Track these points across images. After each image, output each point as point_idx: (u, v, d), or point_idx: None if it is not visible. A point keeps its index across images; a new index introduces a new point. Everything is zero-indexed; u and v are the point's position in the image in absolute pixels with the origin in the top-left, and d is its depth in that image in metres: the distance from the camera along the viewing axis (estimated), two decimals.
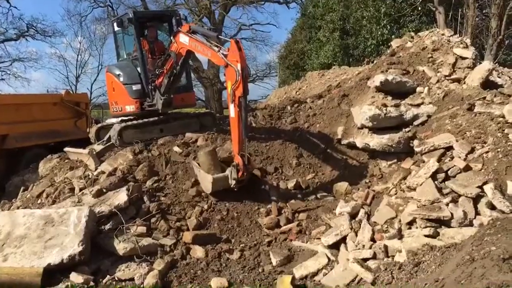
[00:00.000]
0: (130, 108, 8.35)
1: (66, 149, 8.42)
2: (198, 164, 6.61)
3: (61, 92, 11.87)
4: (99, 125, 9.26)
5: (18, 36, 34.87)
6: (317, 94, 9.63)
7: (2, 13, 41.84)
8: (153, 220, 5.88)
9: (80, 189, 6.61)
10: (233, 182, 6.22)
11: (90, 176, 6.91)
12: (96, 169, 7.18)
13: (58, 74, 54.86)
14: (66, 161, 8.13)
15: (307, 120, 8.39)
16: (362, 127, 7.08)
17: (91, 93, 35.78)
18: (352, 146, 7.35)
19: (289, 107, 8.98)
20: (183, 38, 7.09)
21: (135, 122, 8.20)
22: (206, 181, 6.34)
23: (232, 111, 6.10)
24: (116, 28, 8.71)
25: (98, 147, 7.79)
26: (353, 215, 5.63)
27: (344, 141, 7.48)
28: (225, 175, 6.28)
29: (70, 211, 5.37)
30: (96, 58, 49.84)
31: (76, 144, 8.90)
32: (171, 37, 7.53)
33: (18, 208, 6.80)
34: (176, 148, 7.43)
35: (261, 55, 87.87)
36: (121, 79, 8.33)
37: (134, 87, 8.25)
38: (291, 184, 6.90)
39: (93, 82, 38.60)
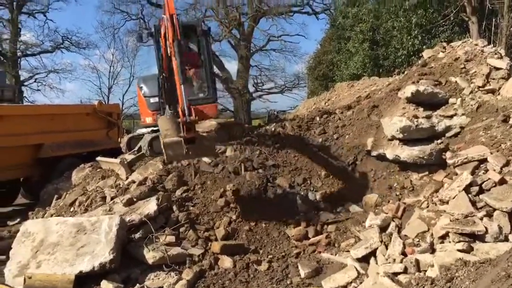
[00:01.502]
0: (148, 120, 8.53)
1: (98, 158, 8.61)
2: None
3: (94, 103, 12.19)
4: (130, 135, 9.43)
5: (54, 48, 36.08)
6: (347, 105, 9.55)
7: (38, 26, 43.18)
8: (182, 229, 5.91)
9: (112, 198, 6.73)
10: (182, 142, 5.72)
11: (121, 185, 7.03)
12: (127, 178, 7.30)
13: (91, 85, 56.03)
14: (98, 170, 8.31)
15: (336, 131, 8.33)
16: (393, 138, 6.98)
17: (122, 104, 36.60)
18: (382, 157, 7.25)
19: (318, 118, 8.95)
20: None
21: None
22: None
23: (173, 63, 5.87)
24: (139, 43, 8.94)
25: (129, 156, 7.93)
26: (383, 228, 5.54)
27: (374, 153, 7.38)
28: (179, 139, 5.77)
29: (102, 219, 5.47)
30: (128, 69, 50.90)
31: (108, 153, 9.08)
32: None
33: (51, 215, 6.97)
34: (205, 158, 7.48)
35: (290, 66, 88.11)
36: (143, 91, 8.54)
37: (152, 100, 8.43)
38: (320, 196, 6.84)
39: (125, 93, 39.44)
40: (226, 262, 5.49)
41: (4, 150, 8.92)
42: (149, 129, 8.80)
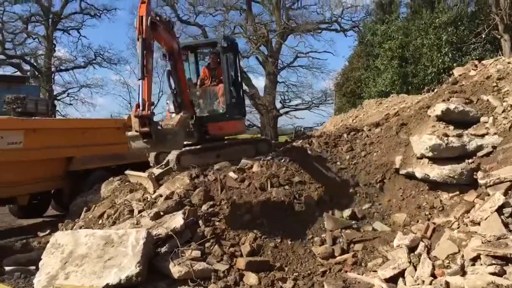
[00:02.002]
0: None
1: (127, 172, 8.74)
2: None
3: (124, 117, 12.42)
4: None
5: (86, 63, 37.12)
6: (375, 122, 9.48)
7: (72, 42, 44.48)
8: (207, 244, 5.91)
9: (139, 212, 6.80)
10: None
11: (148, 199, 7.11)
12: (154, 192, 7.37)
13: (122, 100, 57.34)
14: (126, 183, 8.43)
15: (363, 149, 8.26)
16: (422, 157, 6.86)
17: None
18: (411, 176, 7.13)
19: (345, 135, 8.89)
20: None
21: (192, 147, 8.40)
22: None
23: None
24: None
25: (157, 170, 8.02)
26: (412, 248, 5.42)
27: (403, 171, 7.27)
28: (136, 133, 6.02)
29: (129, 232, 5.53)
30: (157, 84, 51.72)
31: (136, 167, 9.21)
32: None
33: (80, 227, 7.09)
34: (231, 174, 7.50)
35: (317, 83, 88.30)
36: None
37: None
38: (346, 213, 6.77)
39: (154, 107, 39.92)
40: (251, 278, 5.46)
41: (37, 163, 9.17)
42: None
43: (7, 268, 6.31)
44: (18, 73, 32.61)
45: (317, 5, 34.36)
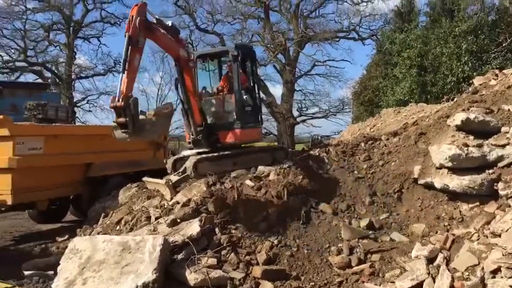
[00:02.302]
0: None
1: (144, 178, 8.81)
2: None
3: None
4: (176, 156, 9.60)
5: (106, 71, 37.69)
6: (393, 131, 9.40)
7: (93, 50, 45.22)
8: (223, 252, 5.92)
9: (156, 218, 6.84)
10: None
11: (165, 206, 7.15)
12: (171, 199, 7.41)
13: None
14: (144, 190, 8.49)
15: (381, 158, 8.19)
16: (441, 167, 6.78)
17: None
18: (429, 186, 7.05)
19: (363, 144, 8.84)
20: None
21: (209, 155, 8.42)
22: None
23: None
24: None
25: (174, 178, 8.07)
26: (430, 260, 5.35)
27: (421, 181, 7.19)
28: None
29: (146, 239, 5.57)
30: (175, 92, 52.07)
31: (153, 174, 9.27)
32: None
33: (98, 233, 7.15)
34: (248, 182, 7.51)
35: (334, 91, 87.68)
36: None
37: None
38: (363, 223, 6.71)
39: (182, 115, 40.22)
40: (267, 287, 5.44)
41: (57, 169, 9.29)
42: (194, 151, 8.95)
43: (26, 273, 6.40)
44: (40, 80, 33.29)
45: (335, 14, 34.49)
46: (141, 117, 6.82)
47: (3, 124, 8.41)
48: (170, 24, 7.86)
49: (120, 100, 6.42)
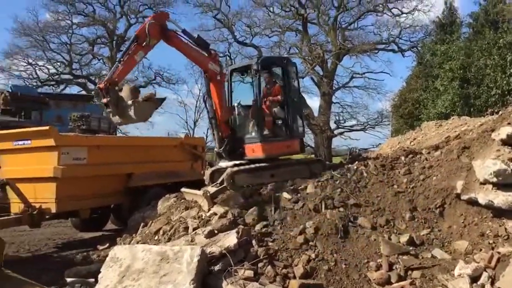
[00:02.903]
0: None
1: (182, 189, 8.93)
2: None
3: (181, 136, 12.74)
4: (213, 168, 9.71)
5: (147, 83, 38.74)
6: (434, 145, 9.18)
7: None
8: (260, 264, 5.90)
9: (194, 229, 6.91)
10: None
11: (203, 217, 7.22)
12: (209, 210, 7.48)
13: (179, 119, 58.85)
14: (182, 201, 8.60)
15: (422, 172, 7.99)
16: (485, 182, 6.55)
17: (206, 137, 37.88)
18: (473, 202, 6.81)
19: (403, 158, 8.66)
20: None
21: (247, 166, 8.47)
22: None
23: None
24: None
25: (212, 189, 8.14)
26: (474, 278, 5.16)
27: (464, 197, 6.95)
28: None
29: (184, 249, 5.62)
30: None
31: (191, 185, 9.39)
32: None
33: (137, 243, 7.29)
34: (285, 194, 7.48)
35: (373, 103, 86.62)
36: None
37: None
38: (404, 239, 6.53)
39: (209, 127, 40.73)
40: None
41: (99, 178, 9.56)
42: (232, 163, 9.01)
43: (68, 280, 6.57)
44: (84, 92, 34.47)
45: (374, 26, 34.16)
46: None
47: (49, 135, 8.74)
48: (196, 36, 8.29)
49: (104, 83, 7.31)
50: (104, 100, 7.30)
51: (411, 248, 6.42)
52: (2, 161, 9.61)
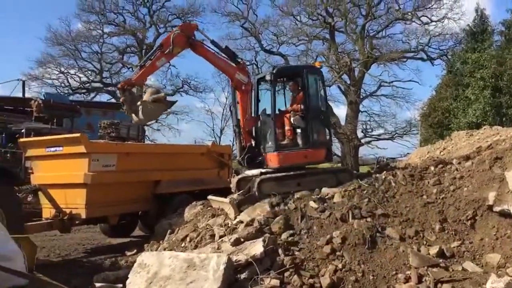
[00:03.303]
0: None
1: (209, 197, 8.98)
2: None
3: (208, 144, 12.82)
4: (240, 176, 9.73)
5: (174, 91, 39.29)
6: (465, 155, 8.98)
7: (162, 71, 47.22)
8: (286, 274, 5.87)
9: (220, 237, 6.93)
10: None
11: (229, 225, 7.24)
12: (235, 218, 7.49)
13: (205, 127, 59.37)
14: (208, 208, 8.65)
15: (452, 183, 7.82)
16: None
17: (232, 145, 38.05)
18: (506, 214, 6.63)
19: (432, 168, 8.49)
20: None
21: (273, 175, 8.46)
22: None
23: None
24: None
25: (238, 197, 8.17)
26: None
27: (497, 208, 6.78)
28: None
29: (210, 257, 5.65)
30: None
31: (218, 192, 9.43)
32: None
33: (164, 249, 7.35)
34: (312, 203, 7.44)
35: (401, 112, 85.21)
36: None
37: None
38: (433, 251, 6.40)
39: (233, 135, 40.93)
40: None
41: (128, 185, 9.70)
42: (258, 171, 9.02)
43: (97, 285, 6.65)
44: (113, 100, 35.17)
45: (403, 34, 33.77)
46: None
47: (80, 142, 8.92)
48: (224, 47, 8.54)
49: (122, 83, 8.11)
50: (121, 99, 8.10)
51: (441, 260, 6.28)
52: (35, 167, 9.87)
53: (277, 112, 8.85)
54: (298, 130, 8.83)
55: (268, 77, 8.59)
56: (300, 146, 8.81)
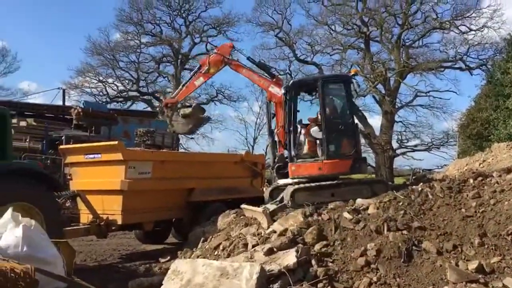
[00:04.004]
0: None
1: (242, 206, 9.00)
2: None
3: (241, 152, 12.89)
4: (273, 185, 9.74)
5: (208, 100, 39.79)
6: (506, 167, 8.71)
7: None
8: (319, 285, 5.80)
9: (253, 246, 6.92)
10: None
11: (262, 234, 7.22)
12: (268, 227, 7.48)
13: (238, 136, 59.69)
14: (241, 217, 8.67)
15: (493, 196, 7.57)
16: None
17: (265, 154, 38.09)
18: None
19: (471, 180, 8.26)
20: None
21: (307, 185, 8.43)
22: None
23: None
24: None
25: (271, 206, 8.16)
26: None
27: None
28: None
29: (243, 266, 5.64)
30: (273, 121, 52.99)
31: (250, 201, 9.45)
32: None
33: (197, 257, 7.41)
34: (346, 214, 7.35)
35: (438, 123, 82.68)
36: None
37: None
38: (472, 266, 6.19)
39: (268, 144, 41.06)
40: None
41: (162, 192, 9.85)
42: (292, 181, 9.00)
43: None
44: (149, 109, 35.87)
45: (440, 43, 33.12)
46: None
47: (117, 149, 9.14)
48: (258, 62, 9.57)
49: (166, 101, 10.09)
50: (165, 114, 9.78)
51: (480, 276, 6.08)
52: (73, 173, 10.16)
53: (304, 123, 9.16)
54: (318, 142, 8.82)
55: (283, 90, 8.86)
56: (316, 158, 8.84)
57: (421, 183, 8.54)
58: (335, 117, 8.99)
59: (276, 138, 9.36)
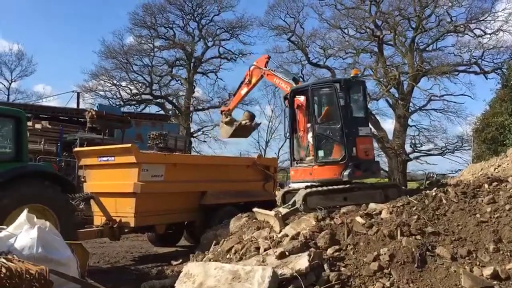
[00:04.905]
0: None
1: (254, 209, 8.99)
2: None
3: (253, 156, 12.91)
4: (285, 189, 9.72)
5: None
6: None
7: (209, 84, 48.12)
8: None
9: (265, 249, 6.90)
10: None
11: (274, 238, 7.20)
12: (280, 231, 7.46)
13: (250, 139, 59.66)
14: (253, 220, 8.66)
15: (508, 201, 7.47)
16: None
17: (278, 158, 38.11)
18: None
19: (486, 186, 8.16)
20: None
21: (319, 188, 8.39)
22: None
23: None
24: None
25: (283, 210, 8.14)
26: None
27: None
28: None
29: (255, 269, 5.63)
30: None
31: (262, 205, 9.44)
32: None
33: (209, 260, 7.40)
34: (358, 219, 7.30)
35: (452, 127, 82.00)
36: None
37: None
38: (487, 272, 6.11)
39: (280, 148, 41.18)
40: None
41: (175, 195, 9.89)
42: (304, 184, 8.97)
43: None
44: (161, 112, 36.07)
45: (455, 47, 32.82)
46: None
47: (131, 152, 9.20)
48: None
49: (222, 109, 11.83)
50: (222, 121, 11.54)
51: (495, 282, 6.00)
52: (87, 175, 10.25)
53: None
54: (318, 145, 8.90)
55: (284, 99, 9.37)
56: (307, 164, 8.91)
57: (435, 188, 8.45)
58: (323, 122, 8.85)
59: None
